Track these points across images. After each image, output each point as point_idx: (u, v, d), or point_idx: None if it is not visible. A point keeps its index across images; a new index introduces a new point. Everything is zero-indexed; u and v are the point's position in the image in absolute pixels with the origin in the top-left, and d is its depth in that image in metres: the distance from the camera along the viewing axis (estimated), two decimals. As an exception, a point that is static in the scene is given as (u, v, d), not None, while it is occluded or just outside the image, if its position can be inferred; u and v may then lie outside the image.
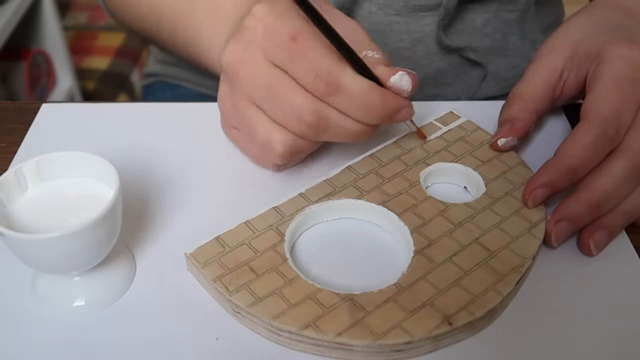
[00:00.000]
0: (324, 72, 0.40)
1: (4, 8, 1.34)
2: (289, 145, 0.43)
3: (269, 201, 0.44)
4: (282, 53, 0.41)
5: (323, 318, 0.37)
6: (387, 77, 0.42)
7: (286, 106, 0.41)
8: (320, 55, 0.40)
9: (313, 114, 0.41)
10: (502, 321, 0.39)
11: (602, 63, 0.43)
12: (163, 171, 0.49)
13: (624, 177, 0.41)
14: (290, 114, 0.41)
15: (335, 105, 0.41)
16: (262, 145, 0.44)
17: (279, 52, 0.41)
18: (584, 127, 0.42)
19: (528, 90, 0.48)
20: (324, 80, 0.40)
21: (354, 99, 0.40)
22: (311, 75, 0.40)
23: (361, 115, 0.41)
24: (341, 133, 0.42)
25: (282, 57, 0.41)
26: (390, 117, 0.42)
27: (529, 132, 0.48)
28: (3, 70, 1.47)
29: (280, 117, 0.42)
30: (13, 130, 0.53)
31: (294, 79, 0.41)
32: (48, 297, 0.40)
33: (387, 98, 0.42)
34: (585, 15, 0.50)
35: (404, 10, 0.63)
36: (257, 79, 0.42)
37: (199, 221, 0.45)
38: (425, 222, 0.43)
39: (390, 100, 0.42)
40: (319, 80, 0.40)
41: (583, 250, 0.42)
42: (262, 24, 0.42)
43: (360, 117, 0.41)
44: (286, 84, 0.41)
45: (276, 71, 0.41)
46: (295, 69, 0.40)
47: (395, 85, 0.42)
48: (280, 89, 0.41)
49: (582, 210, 0.42)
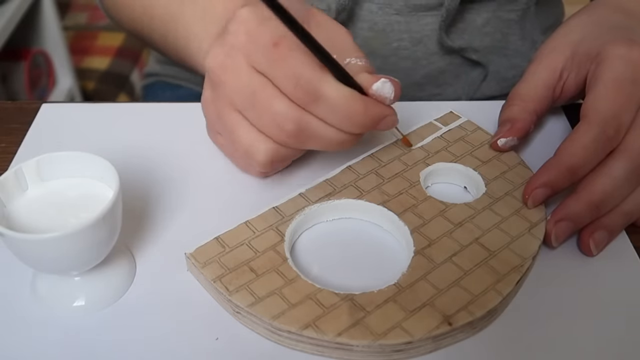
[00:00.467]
0: (304, 80, 0.39)
1: (4, 8, 1.34)
2: (271, 153, 0.42)
3: (269, 201, 0.44)
4: (264, 58, 0.40)
5: (323, 318, 0.37)
6: (369, 85, 0.41)
7: (267, 114, 0.40)
8: (302, 62, 0.39)
9: (294, 122, 0.40)
10: (502, 321, 0.39)
11: (602, 63, 0.43)
12: (163, 171, 0.49)
13: (623, 177, 0.41)
14: (271, 122, 0.40)
15: (317, 113, 0.40)
16: (245, 152, 0.43)
17: (260, 58, 0.40)
18: (584, 127, 0.42)
19: (528, 90, 0.48)
20: (304, 88, 0.39)
21: (335, 107, 0.39)
22: (292, 82, 0.39)
23: (343, 123, 0.40)
24: (323, 142, 0.41)
25: (264, 62, 0.40)
26: (372, 125, 0.41)
27: (529, 132, 0.48)
28: (3, 70, 1.47)
29: (261, 124, 0.41)
30: (13, 130, 0.53)
31: (275, 85, 0.40)
32: (48, 297, 0.40)
33: (370, 106, 0.40)
34: (585, 15, 0.50)
35: (405, 9, 0.63)
36: (238, 84, 0.41)
37: (199, 221, 0.45)
38: (425, 222, 0.43)
39: (373, 108, 0.41)
40: (300, 88, 0.39)
41: (583, 250, 0.42)
42: (244, 28, 0.41)
43: (342, 126, 0.40)
44: (268, 91, 0.40)
45: (258, 77, 0.41)
46: (277, 75, 0.40)
47: (377, 92, 0.41)
48: (262, 97, 0.40)
49: (582, 210, 0.42)
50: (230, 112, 0.43)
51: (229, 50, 0.41)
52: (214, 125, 0.46)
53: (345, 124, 0.40)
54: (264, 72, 0.40)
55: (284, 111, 0.40)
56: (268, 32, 0.40)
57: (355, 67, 0.41)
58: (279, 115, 0.40)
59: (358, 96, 0.40)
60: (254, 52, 0.40)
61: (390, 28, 0.64)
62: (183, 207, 0.46)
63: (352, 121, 0.40)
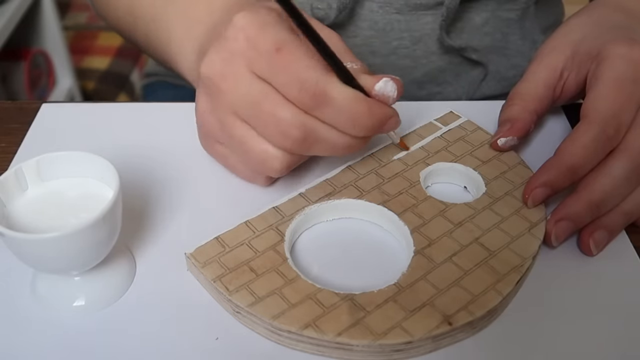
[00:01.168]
0: (310, 84, 0.38)
1: (4, 8, 1.34)
2: (287, 160, 0.41)
3: (269, 201, 0.44)
4: (266, 64, 0.39)
5: (323, 318, 0.37)
6: (372, 85, 0.40)
7: (272, 122, 0.39)
8: (306, 66, 0.38)
9: (299, 129, 0.39)
10: (502, 321, 0.39)
11: (602, 63, 0.43)
12: (163, 171, 0.49)
13: (623, 177, 0.41)
14: (276, 130, 0.40)
15: (322, 117, 0.39)
16: (260, 162, 0.42)
17: (262, 64, 0.39)
18: (584, 126, 0.42)
19: (528, 90, 0.48)
20: (309, 91, 0.38)
21: (341, 110, 0.39)
22: (296, 87, 0.38)
23: (348, 126, 0.40)
24: (329, 147, 0.41)
25: (266, 68, 0.39)
26: (378, 127, 0.41)
27: (529, 132, 0.48)
28: (3, 70, 1.47)
29: (266, 132, 0.40)
30: (13, 130, 0.53)
31: (278, 91, 0.39)
32: (48, 297, 0.40)
33: (374, 108, 0.40)
34: (585, 15, 0.50)
35: (405, 8, 0.63)
36: (240, 92, 0.40)
37: (199, 221, 0.45)
38: (425, 222, 0.43)
39: (377, 109, 0.40)
40: (305, 92, 0.38)
41: (583, 250, 0.42)
42: (243, 35, 0.40)
43: (347, 129, 0.40)
44: (271, 98, 0.39)
45: (260, 84, 0.40)
46: (280, 81, 0.39)
47: (380, 92, 0.40)
48: (265, 103, 0.39)
49: (582, 209, 0.42)
50: (235, 121, 0.41)
51: (229, 57, 0.40)
52: (215, 134, 0.44)
53: (351, 127, 0.40)
54: (266, 78, 0.39)
55: (289, 118, 0.39)
56: (270, 38, 0.39)
57: (354, 70, 0.41)
58: (284, 121, 0.39)
59: (363, 98, 0.40)
60: (255, 58, 0.39)
61: (390, 27, 0.64)
62: (183, 207, 0.46)
63: (357, 123, 0.40)
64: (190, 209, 0.46)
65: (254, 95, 0.40)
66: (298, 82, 0.38)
